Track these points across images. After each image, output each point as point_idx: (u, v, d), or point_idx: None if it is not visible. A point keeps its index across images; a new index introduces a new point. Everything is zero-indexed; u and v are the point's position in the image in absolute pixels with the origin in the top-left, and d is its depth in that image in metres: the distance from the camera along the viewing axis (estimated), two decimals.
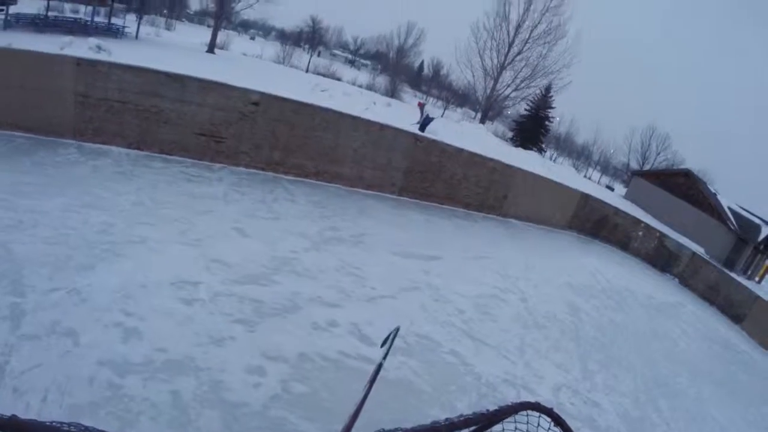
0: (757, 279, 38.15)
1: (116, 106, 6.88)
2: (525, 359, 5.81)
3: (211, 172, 7.37)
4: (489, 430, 2.71)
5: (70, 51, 13.89)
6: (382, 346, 2.74)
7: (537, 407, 2.94)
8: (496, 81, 44.04)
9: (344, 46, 75.32)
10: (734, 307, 14.25)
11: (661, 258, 15.10)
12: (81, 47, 18.20)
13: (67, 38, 20.42)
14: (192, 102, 7.31)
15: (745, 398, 8.40)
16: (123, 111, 6.94)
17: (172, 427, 3.06)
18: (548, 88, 45.06)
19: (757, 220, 35.31)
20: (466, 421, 2.48)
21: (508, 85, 44.69)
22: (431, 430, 2.42)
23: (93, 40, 20.87)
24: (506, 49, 43.55)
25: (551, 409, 2.92)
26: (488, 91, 44.56)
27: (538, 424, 2.86)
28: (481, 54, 43.90)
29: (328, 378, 3.90)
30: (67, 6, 38.12)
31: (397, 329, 2.80)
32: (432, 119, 22.66)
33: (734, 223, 33.49)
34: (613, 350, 7.36)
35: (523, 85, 44.63)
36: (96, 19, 29.31)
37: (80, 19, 29.37)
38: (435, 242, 8.06)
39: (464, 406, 4.30)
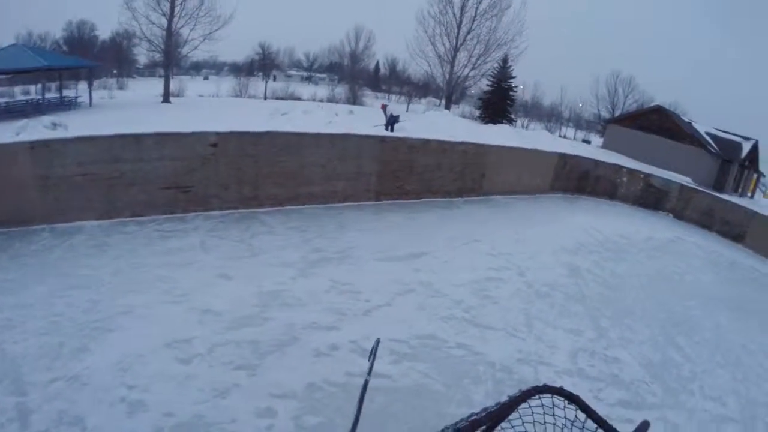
0: (749, 194, 38.58)
1: (78, 180, 6.78)
2: (534, 333, 5.78)
3: (184, 223, 7.28)
4: (508, 420, 2.67)
5: (25, 135, 13.78)
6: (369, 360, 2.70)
7: (546, 389, 2.90)
8: (452, 64, 44.18)
9: (298, 65, 75.26)
10: (732, 228, 14.41)
11: (651, 198, 15.19)
12: (36, 128, 18.07)
13: (22, 122, 20.29)
14: (151, 158, 7.21)
15: (760, 315, 8.42)
16: (86, 184, 6.83)
17: None
18: (505, 60, 45.40)
19: (736, 139, 35.76)
20: (473, 424, 2.44)
21: (465, 66, 44.80)
22: None
23: (47, 119, 20.81)
24: (456, 31, 43.70)
25: (561, 388, 2.87)
26: (447, 75, 44.65)
27: (553, 405, 2.81)
28: (432, 41, 44.10)
29: (339, 403, 3.85)
30: (17, 90, 38.02)
31: (378, 341, 2.76)
32: (397, 117, 22.71)
33: (714, 146, 33.83)
34: (622, 302, 7.32)
35: (479, 62, 44.79)
36: (48, 95, 29.21)
37: (32, 99, 29.35)
38: (420, 239, 8.00)
39: (481, 397, 4.26)
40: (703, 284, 9.21)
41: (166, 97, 36.36)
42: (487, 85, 47.06)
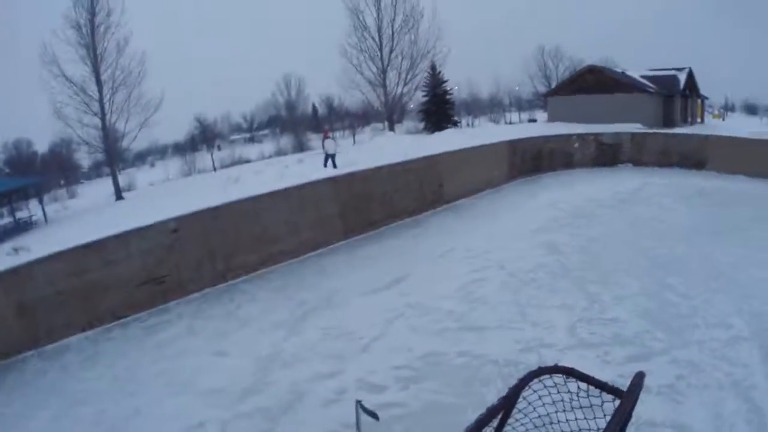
0: (699, 120, 39.66)
1: (54, 299, 6.74)
2: (529, 320, 5.87)
3: (167, 313, 7.27)
4: (516, 409, 2.81)
5: None
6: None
7: (541, 372, 3.06)
8: (384, 86, 44.72)
9: (238, 128, 75.56)
10: (692, 157, 14.67)
11: (607, 155, 15.58)
12: None
13: None
14: (119, 259, 7.22)
15: (739, 231, 8.61)
16: (62, 300, 6.79)
17: None
18: (433, 67, 46.19)
19: (671, 73, 36.76)
20: (479, 423, 2.58)
21: (397, 84, 45.41)
22: None
23: (7, 246, 20.48)
24: (379, 53, 44.40)
25: (555, 366, 3.03)
26: (382, 98, 45.23)
27: (555, 384, 2.97)
28: (359, 69, 44.64)
29: None
30: None
31: (358, 402, 2.86)
32: (333, 155, 23.01)
33: (652, 86, 34.78)
34: (605, 262, 7.44)
35: (409, 76, 45.41)
36: (1, 222, 28.84)
37: None
38: (397, 263, 8.10)
39: (494, 396, 4.27)
40: (678, 220, 9.41)
41: (119, 194, 36.08)
42: (423, 96, 47.71)
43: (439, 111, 46.67)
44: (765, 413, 3.95)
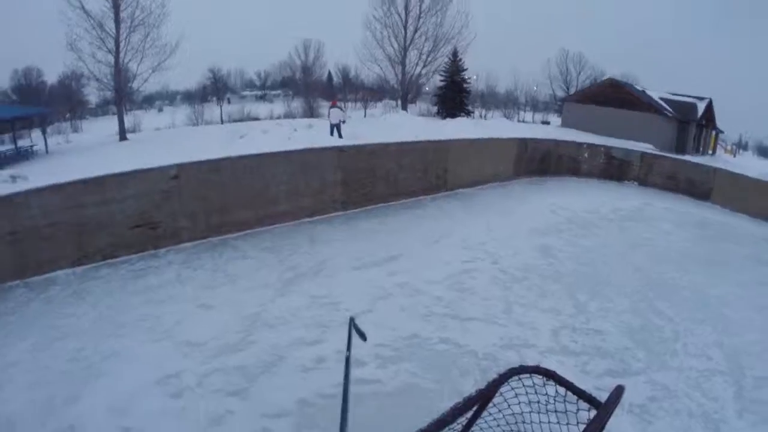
0: (710, 152, 39.54)
1: (46, 231, 6.72)
2: (514, 318, 5.91)
3: (157, 259, 7.27)
4: (492, 403, 2.84)
5: None
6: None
7: (522, 370, 3.08)
8: (403, 65, 44.33)
9: (251, 85, 74.98)
10: (697, 186, 14.68)
11: (614, 169, 15.56)
12: None
13: None
14: (115, 199, 7.19)
15: (734, 266, 8.68)
16: (54, 233, 6.78)
17: None
18: (455, 53, 45.72)
19: (690, 100, 36.59)
20: (454, 412, 2.60)
21: (416, 64, 44.93)
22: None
23: (5, 173, 20.39)
24: (402, 31, 43.95)
25: (537, 366, 3.06)
26: (399, 76, 44.85)
27: (534, 384, 3.00)
28: (381, 44, 44.16)
29: (333, 414, 3.86)
30: None
31: (351, 319, 2.91)
32: (337, 124, 22.78)
33: (670, 110, 34.59)
34: (598, 275, 7.48)
35: (429, 59, 44.94)
36: (1, 148, 28.73)
37: None
38: (392, 242, 8.12)
39: (470, 387, 4.33)
40: (675, 246, 9.41)
41: (123, 135, 35.83)
42: (441, 81, 47.40)
43: (454, 98, 46.41)
44: None
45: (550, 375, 2.91)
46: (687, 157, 18.07)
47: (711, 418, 4.44)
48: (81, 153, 26.75)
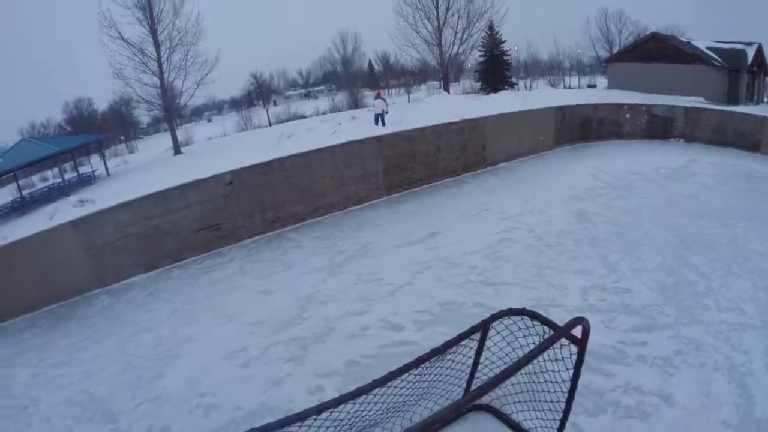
0: (766, 100, 37.43)
1: (120, 243, 7.69)
2: (546, 281, 6.18)
3: (221, 257, 8.14)
4: (490, 339, 3.71)
5: (58, 217, 14.80)
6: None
7: (509, 312, 3.82)
8: (440, 45, 44.43)
9: (294, 84, 76.09)
10: (747, 138, 13.83)
11: (658, 128, 15.00)
12: (66, 209, 19.11)
13: (50, 207, 21.55)
14: (179, 208, 8.08)
15: None
16: (127, 244, 7.74)
17: None
18: (491, 27, 45.62)
19: (739, 47, 34.65)
20: (460, 338, 3.44)
21: (453, 43, 45.01)
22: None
23: (72, 199, 21.96)
24: (435, 12, 44.03)
25: (523, 309, 3.77)
26: (437, 57, 44.97)
27: (525, 326, 3.78)
28: (415, 28, 44.51)
29: (374, 372, 4.17)
30: (35, 178, 39.71)
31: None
32: (380, 113, 23.49)
33: (718, 59, 33.01)
34: (632, 235, 7.41)
35: (465, 36, 44.94)
36: (66, 176, 30.51)
37: (53, 183, 30.87)
38: (433, 220, 8.59)
39: None
40: (717, 201, 8.98)
41: (177, 149, 37.53)
42: (480, 56, 47.22)
43: (496, 72, 46.28)
44: (755, 401, 4.01)
45: (535, 315, 3.61)
46: (740, 108, 17.14)
47: (738, 370, 4.35)
48: (140, 171, 28.23)
